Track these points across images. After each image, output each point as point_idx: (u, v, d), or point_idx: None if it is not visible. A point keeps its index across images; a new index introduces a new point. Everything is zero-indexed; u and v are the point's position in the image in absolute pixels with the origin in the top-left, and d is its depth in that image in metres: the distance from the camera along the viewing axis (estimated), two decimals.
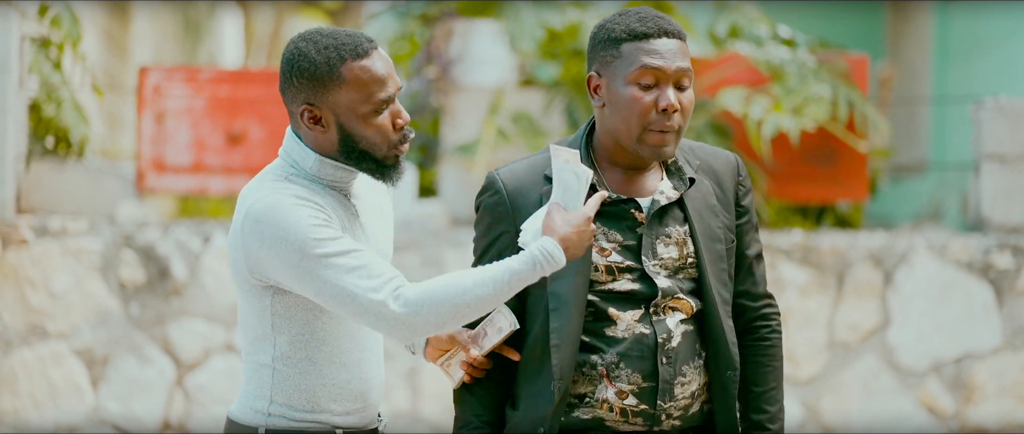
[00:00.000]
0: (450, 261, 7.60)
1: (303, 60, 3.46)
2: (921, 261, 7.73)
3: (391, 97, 3.48)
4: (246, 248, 3.42)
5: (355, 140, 3.48)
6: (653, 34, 3.56)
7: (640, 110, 3.56)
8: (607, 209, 3.62)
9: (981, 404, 7.67)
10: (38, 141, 7.90)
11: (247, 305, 3.50)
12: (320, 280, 3.37)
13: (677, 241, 3.64)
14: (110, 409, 7.45)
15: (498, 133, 8.21)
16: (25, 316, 7.40)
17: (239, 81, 8.40)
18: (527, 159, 3.70)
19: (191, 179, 8.27)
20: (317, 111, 3.47)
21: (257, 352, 3.52)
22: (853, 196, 8.54)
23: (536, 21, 8.35)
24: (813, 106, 8.05)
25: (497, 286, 3.39)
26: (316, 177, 3.51)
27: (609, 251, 3.60)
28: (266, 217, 3.39)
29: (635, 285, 3.60)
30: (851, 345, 7.71)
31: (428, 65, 8.66)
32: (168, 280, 7.50)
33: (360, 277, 3.37)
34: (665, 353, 3.59)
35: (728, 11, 8.84)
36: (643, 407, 3.60)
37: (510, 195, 3.64)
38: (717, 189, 3.70)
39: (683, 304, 3.62)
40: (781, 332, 3.79)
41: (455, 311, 3.39)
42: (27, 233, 7.41)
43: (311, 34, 3.50)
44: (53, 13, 7.84)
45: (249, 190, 3.49)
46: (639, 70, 3.56)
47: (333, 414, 3.55)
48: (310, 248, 3.37)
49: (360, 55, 3.46)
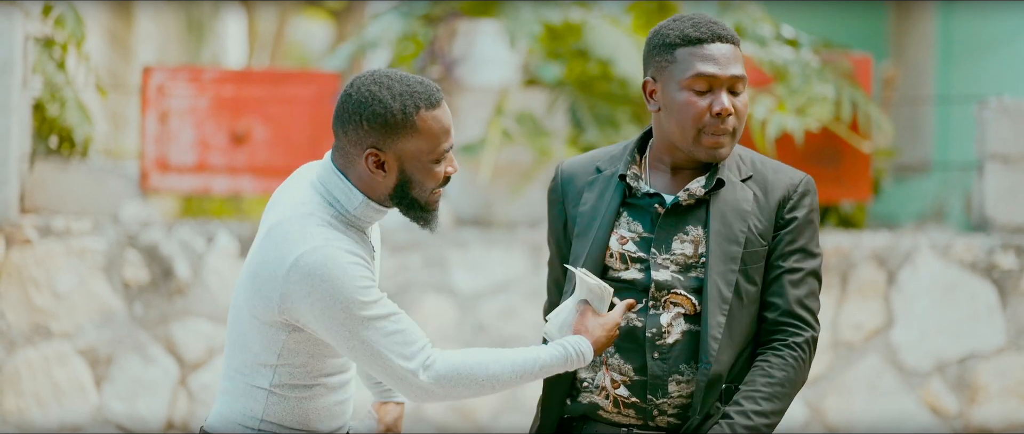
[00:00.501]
0: (453, 261, 7.60)
1: (377, 105, 3.45)
2: (925, 261, 7.73)
3: (451, 147, 3.53)
4: (286, 294, 3.41)
5: (411, 186, 3.52)
6: (707, 39, 3.62)
7: (695, 115, 3.62)
8: (636, 201, 3.71)
9: (985, 404, 7.67)
10: (42, 141, 7.90)
11: (258, 335, 3.49)
12: (357, 339, 3.41)
13: (694, 240, 3.68)
14: (114, 409, 7.45)
15: (502, 133, 8.21)
16: (29, 316, 7.40)
17: (243, 81, 8.40)
18: (598, 150, 3.84)
19: (195, 179, 8.27)
20: (382, 156, 3.48)
21: (253, 376, 3.52)
22: (857, 196, 8.53)
23: (534, 18, 8.35)
24: (817, 106, 8.05)
25: (524, 375, 3.51)
26: (356, 218, 3.53)
27: (627, 240, 3.68)
28: (320, 273, 3.39)
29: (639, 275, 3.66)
30: (855, 345, 7.71)
31: (431, 65, 8.66)
32: (172, 280, 7.50)
33: (396, 342, 3.42)
34: (657, 348, 3.62)
35: (732, 11, 8.83)
36: (634, 400, 3.64)
37: (563, 181, 3.81)
38: (760, 196, 3.71)
39: (683, 300, 3.63)
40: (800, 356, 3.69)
41: (479, 389, 3.49)
42: (31, 233, 7.41)
43: (382, 78, 3.50)
44: (57, 13, 7.84)
45: (294, 232, 3.45)
46: (693, 76, 3.62)
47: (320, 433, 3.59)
48: (356, 309, 3.39)
49: (433, 105, 3.50)
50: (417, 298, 7.60)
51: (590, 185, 3.74)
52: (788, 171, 3.76)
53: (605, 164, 3.76)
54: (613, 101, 8.51)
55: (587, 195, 3.74)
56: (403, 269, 7.59)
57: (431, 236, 7.65)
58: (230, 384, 3.54)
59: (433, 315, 7.59)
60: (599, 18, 8.59)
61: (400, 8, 9.20)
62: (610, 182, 3.73)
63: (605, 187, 3.72)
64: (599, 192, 3.73)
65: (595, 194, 3.73)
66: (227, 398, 3.54)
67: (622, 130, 8.27)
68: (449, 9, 8.85)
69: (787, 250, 3.71)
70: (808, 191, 3.75)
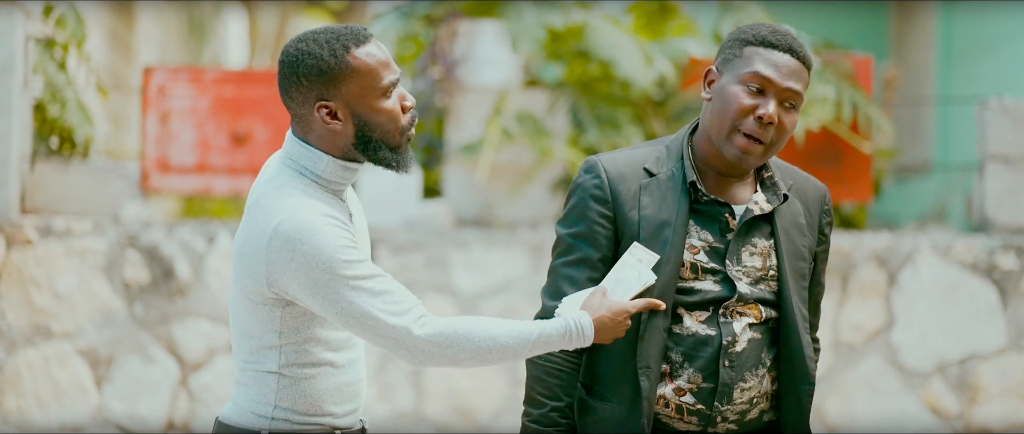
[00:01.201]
0: (454, 261, 7.60)
1: (308, 58, 3.46)
2: (925, 262, 7.73)
3: (396, 80, 3.50)
4: (270, 264, 3.42)
5: (371, 129, 3.49)
6: (779, 47, 3.62)
7: (738, 109, 3.61)
8: (701, 208, 3.67)
9: (985, 404, 7.67)
10: (42, 141, 7.90)
11: (254, 316, 3.50)
12: (345, 301, 3.39)
13: (762, 252, 3.67)
14: (114, 409, 7.45)
15: (503, 133, 8.21)
16: (29, 316, 7.40)
17: (243, 81, 8.40)
18: (627, 150, 3.75)
19: (195, 179, 8.27)
20: (332, 106, 3.47)
21: (261, 361, 3.52)
22: (857, 197, 8.53)
23: (537, 22, 8.35)
24: (817, 107, 8.05)
25: (523, 342, 3.47)
26: (327, 180, 3.52)
27: (698, 250, 3.65)
28: (298, 237, 3.39)
29: (716, 287, 3.64)
30: (855, 345, 7.71)
31: (433, 65, 8.66)
32: (172, 280, 7.50)
33: (385, 302, 3.41)
34: (728, 356, 3.62)
35: (733, 12, 8.84)
36: (699, 407, 3.63)
37: (611, 180, 3.69)
38: (806, 212, 3.74)
39: (753, 309, 3.64)
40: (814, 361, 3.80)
41: (476, 353, 3.45)
42: (31, 233, 7.41)
43: (307, 34, 3.51)
44: (58, 13, 7.84)
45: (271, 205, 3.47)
46: (751, 73, 3.61)
47: (334, 417, 3.57)
48: (340, 269, 3.38)
49: (362, 42, 3.48)
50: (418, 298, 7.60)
51: (646, 188, 3.66)
52: (814, 182, 3.80)
53: (653, 165, 3.69)
54: (614, 102, 8.51)
55: (646, 198, 3.66)
56: (404, 269, 7.59)
57: (432, 237, 7.65)
58: (242, 375, 3.55)
59: None
60: (600, 19, 8.59)
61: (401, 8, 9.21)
62: (670, 186, 3.66)
63: (666, 191, 3.66)
64: (661, 196, 3.66)
65: (656, 198, 3.66)
66: (241, 388, 3.55)
67: (623, 131, 8.28)
68: (450, 9, 8.85)
69: (822, 267, 3.80)
70: (830, 201, 3.82)
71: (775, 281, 3.66)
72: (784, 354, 3.67)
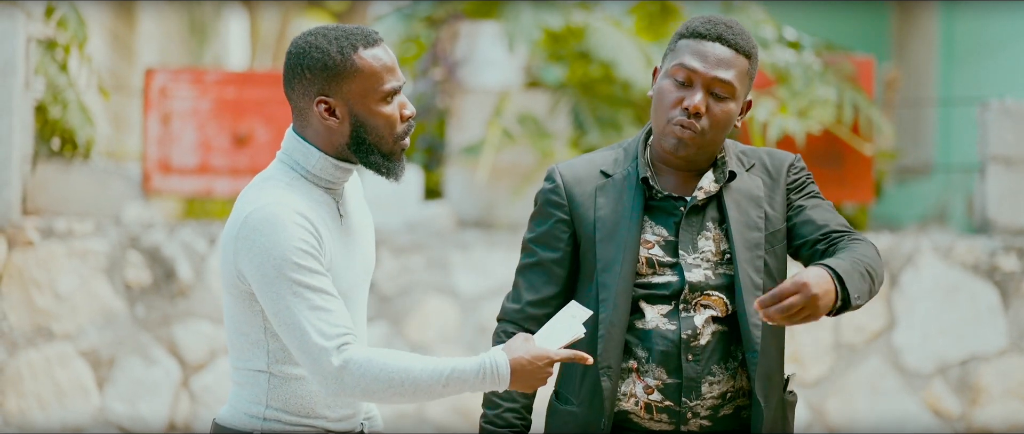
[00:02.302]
0: (456, 262, 7.60)
1: (315, 52, 3.47)
2: (927, 263, 7.73)
3: (399, 87, 3.50)
4: (237, 252, 3.42)
5: (366, 131, 3.49)
6: (707, 36, 3.61)
7: (668, 103, 3.62)
8: (656, 204, 3.69)
9: (987, 406, 7.67)
10: (44, 142, 7.90)
11: (239, 310, 3.50)
12: (282, 303, 3.38)
13: (715, 236, 3.68)
14: (116, 410, 7.45)
15: (504, 134, 8.21)
16: (31, 317, 7.40)
17: (245, 83, 8.41)
18: (587, 156, 3.78)
19: (197, 180, 8.27)
20: (331, 102, 3.47)
21: (251, 358, 3.51)
22: (858, 198, 8.53)
23: (534, 22, 8.35)
24: (818, 108, 8.05)
25: (436, 377, 3.38)
26: (318, 177, 3.51)
27: (652, 244, 3.66)
28: (261, 227, 3.39)
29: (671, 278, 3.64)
30: (857, 347, 7.71)
31: (434, 67, 8.66)
32: (174, 281, 7.50)
33: (318, 319, 3.37)
34: (691, 350, 3.61)
35: (734, 13, 8.83)
36: (668, 403, 3.63)
37: (566, 185, 3.72)
38: (767, 180, 3.73)
39: (715, 301, 3.64)
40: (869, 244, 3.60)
41: (389, 389, 3.38)
42: (33, 234, 7.42)
43: (318, 29, 3.51)
44: (59, 14, 7.85)
45: (251, 195, 3.48)
46: (677, 66, 3.62)
47: (327, 421, 3.55)
48: (288, 270, 3.37)
49: (371, 44, 3.48)
50: (420, 300, 7.60)
51: (602, 189, 3.70)
52: (779, 152, 3.80)
53: (610, 167, 3.72)
54: (615, 103, 8.51)
55: (602, 200, 3.69)
56: (405, 271, 7.59)
57: (434, 238, 7.65)
58: (236, 374, 3.55)
59: (435, 317, 7.60)
60: (601, 20, 8.59)
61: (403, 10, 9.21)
62: (625, 185, 3.69)
63: (621, 190, 3.69)
64: (616, 196, 3.68)
65: (612, 198, 3.69)
66: (236, 388, 3.55)
67: (624, 132, 8.28)
68: (451, 11, 8.86)
69: (803, 197, 3.73)
70: (802, 163, 3.79)
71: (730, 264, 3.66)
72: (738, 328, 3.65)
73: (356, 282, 3.57)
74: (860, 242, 3.62)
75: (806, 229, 3.70)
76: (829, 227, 3.68)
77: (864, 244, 3.61)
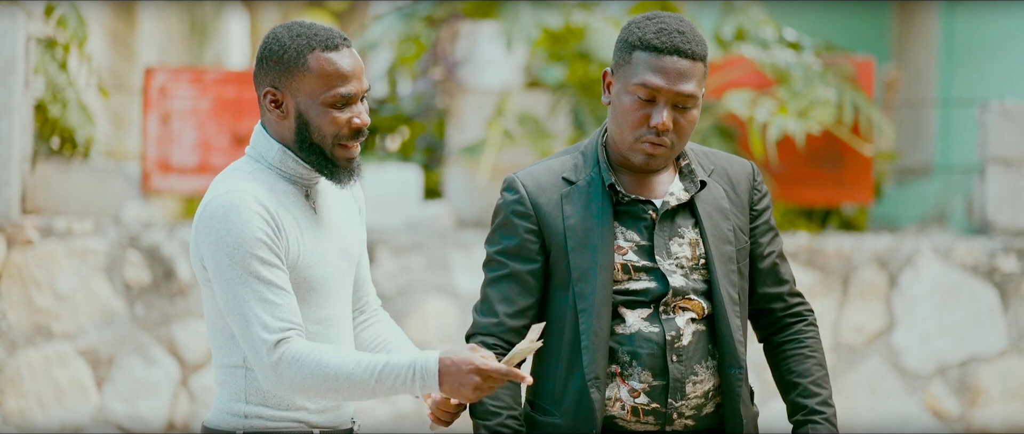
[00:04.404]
0: (456, 262, 7.60)
1: (275, 44, 3.50)
2: (926, 264, 7.73)
3: (353, 96, 3.50)
4: (197, 238, 3.45)
5: (309, 130, 3.50)
6: (665, 51, 3.55)
7: (633, 121, 3.58)
8: (623, 209, 3.65)
9: (986, 407, 7.67)
10: (44, 141, 7.90)
11: (212, 303, 3.51)
12: (231, 291, 3.39)
13: (689, 242, 3.66)
14: (115, 409, 7.45)
15: (504, 134, 8.21)
16: (30, 316, 7.40)
17: (245, 82, 8.41)
18: (544, 162, 3.73)
19: (197, 180, 8.27)
20: (279, 96, 3.50)
21: (227, 353, 3.52)
22: (858, 199, 8.53)
23: (533, 21, 8.35)
24: (819, 109, 8.05)
25: (368, 375, 3.36)
26: (280, 169, 3.53)
27: (626, 250, 3.63)
28: (219, 214, 3.41)
29: (650, 284, 3.62)
30: (856, 347, 7.71)
31: (434, 67, 8.66)
32: (173, 281, 7.50)
33: (264, 311, 3.38)
34: (675, 351, 3.61)
35: (734, 13, 8.83)
36: (654, 405, 3.62)
37: (530, 195, 3.66)
38: (731, 192, 3.72)
39: (694, 304, 3.64)
40: (817, 327, 3.80)
41: (323, 384, 3.37)
42: (32, 233, 7.41)
43: (291, 24, 3.55)
44: (59, 13, 7.84)
45: (214, 184, 3.51)
46: (638, 83, 3.56)
47: (309, 412, 3.55)
48: (241, 258, 3.39)
49: (329, 48, 3.49)
50: (419, 300, 7.60)
51: (567, 197, 3.64)
52: (739, 161, 3.78)
53: (571, 173, 3.66)
54: None
55: (569, 208, 3.63)
56: (405, 271, 7.59)
57: (433, 238, 7.65)
58: (217, 374, 3.56)
59: (435, 317, 7.59)
60: (601, 20, 8.59)
61: (402, 9, 9.21)
62: (591, 191, 3.64)
63: (588, 197, 3.64)
64: (583, 203, 3.63)
65: (579, 206, 3.63)
66: (218, 389, 3.57)
67: None
68: (451, 11, 8.86)
69: (767, 239, 3.76)
70: (760, 176, 3.79)
71: (705, 270, 3.65)
72: (718, 340, 3.65)
73: (329, 274, 3.55)
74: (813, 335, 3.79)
75: (765, 278, 3.76)
76: (785, 290, 3.77)
77: (816, 338, 3.79)
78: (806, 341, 3.77)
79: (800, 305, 3.80)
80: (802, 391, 3.72)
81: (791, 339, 3.77)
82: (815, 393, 3.71)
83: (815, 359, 3.75)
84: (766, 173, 8.26)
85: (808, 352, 3.76)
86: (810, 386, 3.72)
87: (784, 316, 3.78)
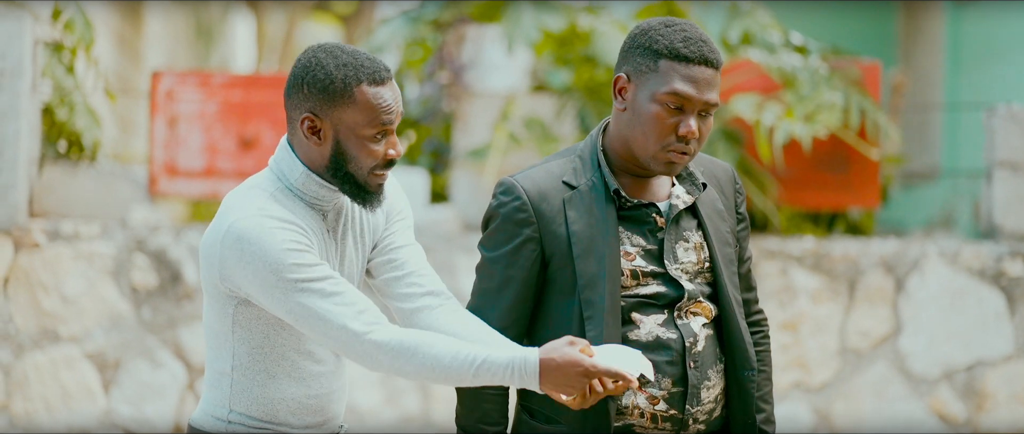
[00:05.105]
0: (462, 266, 7.60)
1: (319, 70, 3.47)
2: (933, 268, 7.72)
3: (392, 126, 3.49)
4: (223, 260, 3.44)
5: (346, 160, 3.49)
6: (694, 60, 3.54)
7: (661, 130, 3.56)
8: (627, 213, 3.64)
9: (993, 412, 7.66)
10: (51, 145, 7.91)
11: (211, 309, 3.53)
12: (292, 302, 3.40)
13: (695, 245, 3.66)
14: (122, 412, 7.46)
15: (510, 138, 8.21)
16: (37, 319, 7.41)
17: (251, 86, 8.41)
18: (541, 166, 3.69)
19: (203, 183, 8.28)
20: (318, 123, 3.48)
21: (218, 359, 3.54)
22: (865, 203, 8.53)
23: (534, 24, 8.34)
24: (825, 113, 8.04)
25: (464, 367, 3.39)
26: (301, 192, 3.52)
27: (633, 255, 3.62)
28: (247, 237, 3.41)
29: (660, 288, 3.61)
30: (863, 352, 7.71)
31: (440, 70, 8.66)
32: (180, 284, 7.50)
33: (335, 303, 3.40)
34: (693, 357, 3.60)
35: (741, 17, 8.82)
36: (672, 412, 3.61)
37: (532, 200, 3.62)
38: (721, 196, 3.74)
39: (704, 308, 3.64)
40: (770, 339, 3.85)
41: (420, 368, 3.40)
42: (39, 237, 7.42)
43: (332, 48, 3.51)
44: (66, 17, 7.85)
45: (234, 202, 3.49)
46: (670, 93, 3.55)
47: (292, 428, 3.57)
48: (287, 272, 3.39)
49: (376, 82, 3.48)
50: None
51: (570, 202, 3.60)
52: (721, 164, 3.80)
53: (571, 177, 3.63)
54: None
55: (572, 213, 3.60)
56: None
57: (439, 241, 7.65)
58: (208, 375, 3.58)
59: None
60: (608, 24, 8.59)
61: (409, 13, 9.20)
62: (594, 196, 3.61)
63: (590, 202, 3.61)
64: (586, 208, 3.60)
65: (583, 211, 3.60)
66: (206, 390, 3.59)
67: None
68: (457, 14, 8.85)
69: (746, 243, 3.80)
70: (739, 179, 3.82)
71: (710, 273, 3.66)
72: (727, 344, 3.66)
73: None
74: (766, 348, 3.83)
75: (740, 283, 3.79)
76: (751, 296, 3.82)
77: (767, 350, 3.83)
78: (760, 354, 3.81)
79: (758, 315, 3.83)
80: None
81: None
82: (761, 409, 3.75)
83: (765, 374, 3.78)
84: (772, 177, 8.26)
85: (760, 366, 3.78)
86: (758, 401, 3.75)
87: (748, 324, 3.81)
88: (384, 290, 3.68)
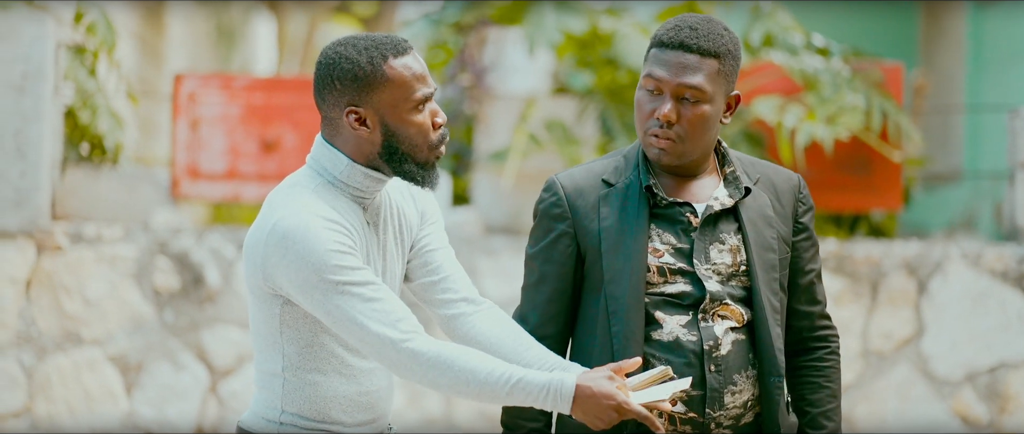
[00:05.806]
0: (484, 269, 7.60)
1: (344, 62, 3.47)
2: (955, 270, 7.71)
3: (430, 95, 3.50)
4: (266, 258, 3.44)
5: (399, 140, 3.49)
6: (670, 45, 3.59)
7: (643, 114, 3.63)
8: (661, 211, 3.65)
9: (1016, 413, 7.64)
10: (73, 148, 7.93)
11: (258, 310, 3.52)
12: (331, 304, 3.40)
13: (731, 248, 3.65)
14: (144, 415, 7.47)
15: (531, 140, 8.21)
16: (60, 322, 7.43)
17: (273, 88, 8.42)
18: (587, 165, 3.74)
19: (225, 186, 8.29)
20: (362, 112, 3.48)
21: (268, 360, 3.54)
22: (887, 205, 8.51)
23: (556, 26, 8.34)
24: (847, 115, 8.03)
25: (499, 385, 3.40)
26: (345, 184, 3.52)
27: (662, 253, 3.63)
28: (292, 235, 3.40)
29: (686, 287, 3.61)
30: (885, 354, 7.70)
31: (462, 73, 8.67)
32: (202, 287, 7.52)
33: (373, 309, 3.40)
34: (713, 361, 3.59)
35: (763, 19, 8.82)
36: (691, 415, 3.60)
37: (569, 196, 3.67)
38: (775, 203, 3.72)
39: (733, 312, 3.63)
40: (839, 354, 3.80)
41: (454, 385, 3.41)
42: (62, 240, 7.44)
43: (347, 39, 3.52)
44: (88, 20, 7.87)
45: (278, 200, 3.49)
46: (646, 76, 3.62)
47: (345, 426, 3.57)
48: (328, 273, 3.39)
49: (401, 53, 3.49)
50: None
51: (605, 199, 3.65)
52: (785, 172, 3.79)
53: (611, 176, 3.68)
54: None
55: (605, 209, 3.65)
56: None
57: (461, 244, 7.65)
58: (257, 377, 3.58)
59: None
60: (629, 26, 8.59)
61: (430, 15, 9.22)
62: (628, 193, 3.65)
63: (625, 199, 3.65)
64: (620, 205, 3.64)
65: (615, 207, 3.64)
66: (256, 392, 3.59)
67: None
68: (479, 17, 8.86)
69: (809, 255, 3.77)
70: (806, 189, 3.81)
71: (746, 276, 3.65)
72: (758, 348, 3.65)
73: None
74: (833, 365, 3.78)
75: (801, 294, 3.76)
76: (816, 310, 3.78)
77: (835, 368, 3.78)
78: (825, 369, 3.77)
79: (826, 329, 3.80)
80: (810, 421, 3.74)
81: (810, 364, 3.77)
82: (822, 425, 3.73)
83: (829, 390, 3.76)
84: None
85: (824, 381, 3.76)
86: (819, 417, 3.74)
87: (809, 337, 3.78)
88: (421, 294, 3.70)
